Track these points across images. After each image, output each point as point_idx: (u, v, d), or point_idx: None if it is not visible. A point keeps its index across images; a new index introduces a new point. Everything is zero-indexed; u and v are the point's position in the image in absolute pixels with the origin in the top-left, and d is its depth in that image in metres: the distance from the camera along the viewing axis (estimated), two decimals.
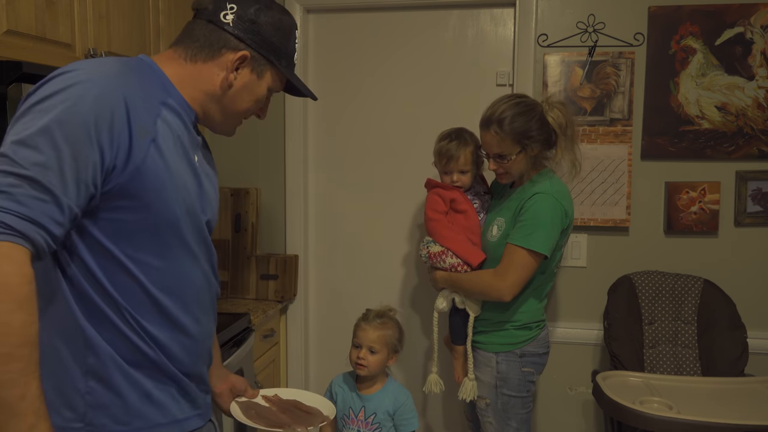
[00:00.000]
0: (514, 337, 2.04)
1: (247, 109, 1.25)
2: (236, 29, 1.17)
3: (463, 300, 2.08)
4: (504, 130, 1.94)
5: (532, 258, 1.92)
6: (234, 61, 1.18)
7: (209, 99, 1.20)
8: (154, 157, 1.06)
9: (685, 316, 2.41)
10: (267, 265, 2.73)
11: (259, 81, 1.23)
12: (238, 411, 1.45)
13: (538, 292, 2.05)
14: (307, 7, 2.72)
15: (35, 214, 0.92)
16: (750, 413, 1.93)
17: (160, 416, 1.15)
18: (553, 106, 1.99)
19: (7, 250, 0.89)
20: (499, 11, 2.64)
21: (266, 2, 1.21)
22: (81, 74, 1.01)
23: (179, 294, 1.16)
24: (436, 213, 2.12)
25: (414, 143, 2.72)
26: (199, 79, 1.18)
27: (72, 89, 0.98)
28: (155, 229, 1.09)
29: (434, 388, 2.21)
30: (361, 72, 2.75)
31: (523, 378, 2.04)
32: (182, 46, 1.19)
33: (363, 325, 2.09)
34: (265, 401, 1.51)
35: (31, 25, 1.64)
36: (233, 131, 1.30)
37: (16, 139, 0.94)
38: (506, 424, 2.05)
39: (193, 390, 1.22)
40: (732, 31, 2.44)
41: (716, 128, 2.48)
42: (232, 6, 1.17)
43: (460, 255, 2.06)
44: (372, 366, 2.05)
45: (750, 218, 2.51)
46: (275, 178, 2.80)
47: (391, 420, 2.08)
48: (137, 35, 2.11)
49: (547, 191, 1.95)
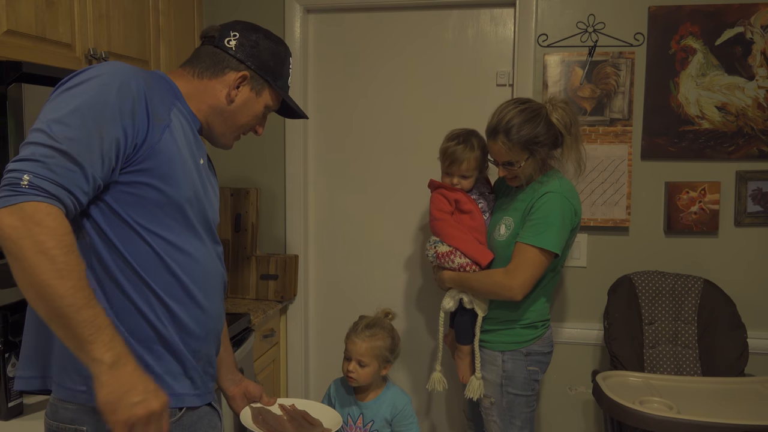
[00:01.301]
0: (520, 335, 2.04)
1: (245, 123, 1.39)
2: (238, 53, 1.34)
3: (471, 300, 2.08)
4: (512, 140, 1.94)
5: (544, 256, 1.93)
6: (236, 80, 1.33)
7: (213, 112, 1.34)
8: (168, 141, 1.20)
9: (685, 316, 2.41)
10: (267, 265, 2.73)
11: (258, 98, 1.38)
12: (248, 415, 1.50)
13: (546, 290, 2.06)
14: (307, 7, 2.72)
15: (66, 182, 1.05)
16: (750, 413, 1.93)
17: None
18: (557, 107, 1.98)
19: (48, 208, 1.02)
20: (499, 11, 2.64)
21: (265, 32, 1.39)
22: (107, 68, 1.16)
23: (191, 270, 1.24)
24: (442, 213, 2.12)
25: (414, 143, 2.72)
26: (204, 93, 1.32)
27: (100, 78, 1.13)
28: (168, 207, 1.20)
29: (438, 386, 2.21)
30: (360, 72, 2.75)
31: (528, 377, 2.04)
32: (190, 65, 1.35)
33: (352, 337, 2.08)
34: (281, 409, 1.56)
35: (31, 25, 1.64)
36: (231, 144, 1.43)
37: (52, 117, 1.07)
38: (510, 423, 2.05)
39: (193, 369, 1.26)
40: (732, 31, 2.44)
41: (716, 128, 2.48)
42: (235, 34, 1.35)
43: (469, 254, 2.06)
44: (362, 378, 2.04)
45: (750, 218, 2.51)
46: (275, 178, 2.80)
47: (390, 427, 2.07)
48: (137, 35, 2.11)
49: (557, 190, 1.95)
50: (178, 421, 1.23)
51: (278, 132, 2.77)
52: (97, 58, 1.87)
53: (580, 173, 2.07)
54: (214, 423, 1.33)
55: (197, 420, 1.27)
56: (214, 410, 1.34)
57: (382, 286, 2.81)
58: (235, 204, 2.74)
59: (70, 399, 1.18)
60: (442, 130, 2.24)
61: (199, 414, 1.28)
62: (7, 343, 1.56)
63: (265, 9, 2.73)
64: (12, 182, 1.01)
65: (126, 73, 1.17)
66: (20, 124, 1.51)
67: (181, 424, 1.24)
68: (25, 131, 1.52)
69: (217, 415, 1.35)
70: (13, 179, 1.01)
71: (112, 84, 1.13)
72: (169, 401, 1.09)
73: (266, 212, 2.83)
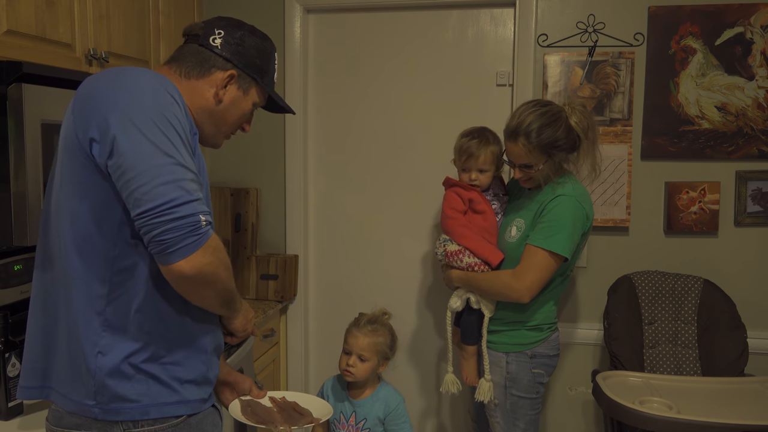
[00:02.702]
0: (525, 337, 2.03)
1: (234, 122, 1.38)
2: (224, 51, 1.31)
3: (478, 300, 2.07)
4: (531, 143, 1.92)
5: (552, 259, 1.92)
6: (223, 79, 1.30)
7: (202, 112, 1.31)
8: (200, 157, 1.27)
9: (685, 316, 2.41)
10: (267, 265, 2.73)
11: (245, 97, 1.36)
12: (237, 407, 1.50)
13: (554, 294, 2.05)
14: (307, 7, 2.72)
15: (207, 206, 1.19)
16: (750, 413, 1.93)
17: (167, 396, 1.22)
18: (576, 110, 1.96)
19: (214, 234, 1.15)
20: (499, 11, 2.64)
21: (250, 28, 1.36)
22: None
23: None
24: (454, 211, 2.10)
25: (414, 143, 2.72)
26: (193, 94, 1.29)
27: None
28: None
29: (451, 387, 2.18)
30: (360, 72, 2.75)
31: (533, 379, 2.03)
32: (175, 64, 1.31)
33: (354, 332, 2.06)
34: (271, 402, 1.56)
35: (31, 25, 1.64)
36: (221, 143, 1.41)
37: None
38: (514, 425, 2.05)
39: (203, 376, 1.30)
40: (732, 31, 2.44)
41: (716, 128, 2.48)
42: (220, 32, 1.31)
43: (479, 254, 2.04)
44: (360, 373, 2.03)
45: (750, 218, 2.51)
46: (275, 178, 2.80)
47: (382, 425, 2.07)
48: (137, 35, 2.12)
49: (569, 194, 1.94)
50: (185, 422, 1.24)
51: (278, 132, 2.77)
52: (97, 58, 1.88)
53: (594, 177, 2.06)
54: (216, 421, 1.34)
55: (203, 419, 1.28)
56: (215, 409, 1.35)
57: (382, 285, 2.81)
58: (235, 204, 2.74)
59: (77, 412, 1.19)
60: (442, 130, 2.24)
61: (205, 413, 1.29)
62: (7, 343, 1.56)
63: (265, 9, 2.73)
64: (194, 226, 1.09)
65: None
66: (20, 124, 1.51)
67: (188, 424, 1.24)
68: (25, 131, 1.52)
69: (218, 412, 1.36)
70: (194, 223, 1.09)
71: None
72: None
73: (266, 212, 2.83)
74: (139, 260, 1.17)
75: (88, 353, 1.17)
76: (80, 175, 1.15)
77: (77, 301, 1.17)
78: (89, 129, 1.12)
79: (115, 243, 1.15)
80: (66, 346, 1.20)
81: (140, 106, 1.11)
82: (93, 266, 1.16)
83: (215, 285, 1.18)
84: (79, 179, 1.15)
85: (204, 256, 1.11)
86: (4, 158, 1.52)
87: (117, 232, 1.15)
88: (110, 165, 1.10)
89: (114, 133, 1.09)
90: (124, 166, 1.08)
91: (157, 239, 1.07)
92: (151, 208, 1.06)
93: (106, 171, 1.12)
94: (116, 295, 1.17)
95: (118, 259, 1.16)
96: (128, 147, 1.08)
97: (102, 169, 1.12)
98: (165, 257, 1.09)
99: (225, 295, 1.24)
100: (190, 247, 1.08)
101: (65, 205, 1.17)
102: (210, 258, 1.12)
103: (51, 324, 1.23)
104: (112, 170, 1.10)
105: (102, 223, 1.15)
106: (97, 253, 1.16)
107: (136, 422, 1.18)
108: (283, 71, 2.72)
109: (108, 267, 1.16)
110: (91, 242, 1.16)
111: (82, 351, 1.17)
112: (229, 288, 1.24)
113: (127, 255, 1.16)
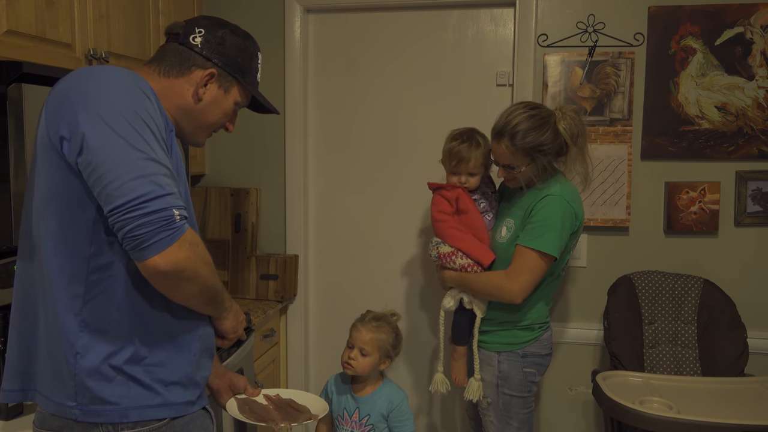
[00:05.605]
0: (516, 337, 2.04)
1: (215, 121, 1.36)
2: (204, 50, 1.30)
3: (471, 300, 2.08)
4: (515, 145, 1.92)
5: (543, 260, 1.92)
6: (203, 78, 1.30)
7: (181, 112, 1.31)
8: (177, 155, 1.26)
9: (685, 316, 2.41)
10: (267, 265, 2.73)
11: (226, 96, 1.34)
12: (234, 406, 1.50)
13: (546, 293, 2.06)
14: (307, 7, 2.72)
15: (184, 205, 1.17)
16: (750, 413, 1.93)
17: (149, 398, 1.20)
18: (566, 115, 1.95)
19: (190, 229, 1.14)
20: (499, 11, 2.64)
21: (232, 28, 1.35)
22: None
23: None
24: (442, 214, 2.11)
25: (414, 143, 2.72)
26: (172, 93, 1.28)
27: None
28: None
29: (440, 387, 2.20)
30: (360, 72, 2.75)
31: (524, 378, 2.04)
32: (155, 63, 1.31)
33: (358, 326, 2.09)
34: (265, 399, 1.57)
35: (31, 25, 1.64)
36: (203, 142, 1.41)
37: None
38: (507, 424, 2.06)
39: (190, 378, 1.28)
40: (732, 31, 2.44)
41: (716, 128, 2.48)
42: (200, 30, 1.31)
43: (471, 255, 2.05)
44: (360, 367, 2.04)
45: (750, 218, 2.51)
46: (275, 178, 2.80)
47: (385, 422, 2.08)
48: (137, 35, 2.12)
49: (557, 193, 1.94)
50: (168, 425, 1.21)
51: (278, 132, 2.77)
52: (97, 58, 1.88)
53: (584, 187, 2.05)
54: (206, 424, 1.31)
55: (189, 422, 1.25)
56: (205, 411, 1.32)
57: (382, 285, 2.81)
58: (235, 204, 2.74)
59: (59, 414, 1.18)
60: (442, 130, 2.24)
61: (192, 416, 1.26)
62: (7, 343, 1.56)
63: (265, 9, 2.73)
64: (168, 220, 1.07)
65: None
66: (20, 123, 1.51)
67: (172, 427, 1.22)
68: (25, 131, 1.52)
69: (209, 415, 1.33)
70: (167, 217, 1.07)
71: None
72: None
73: (266, 212, 2.83)
74: (116, 258, 1.15)
75: (68, 354, 1.15)
76: (53, 174, 1.13)
77: (55, 301, 1.16)
78: (59, 127, 1.10)
79: (90, 241, 1.14)
80: (46, 348, 1.19)
81: (109, 102, 1.10)
82: (69, 266, 1.15)
83: (195, 281, 1.16)
84: (52, 178, 1.14)
85: (180, 251, 1.09)
86: (4, 158, 1.52)
87: (92, 230, 1.14)
88: (80, 162, 1.08)
89: (83, 130, 1.07)
90: (95, 162, 1.06)
91: (130, 235, 1.05)
92: (122, 204, 1.04)
93: (77, 169, 1.10)
94: (93, 294, 1.15)
95: (93, 258, 1.14)
96: (98, 143, 1.06)
97: (73, 167, 1.11)
98: (139, 253, 1.07)
99: (208, 292, 1.22)
100: (164, 241, 1.07)
101: (40, 204, 1.16)
102: (186, 253, 1.10)
103: (32, 325, 1.21)
104: (82, 167, 1.08)
105: (76, 221, 1.14)
106: (72, 253, 1.14)
107: (116, 425, 1.16)
108: (283, 71, 2.72)
109: (84, 266, 1.14)
110: (66, 241, 1.14)
111: (62, 352, 1.16)
112: (212, 284, 1.21)
113: (102, 253, 1.14)
